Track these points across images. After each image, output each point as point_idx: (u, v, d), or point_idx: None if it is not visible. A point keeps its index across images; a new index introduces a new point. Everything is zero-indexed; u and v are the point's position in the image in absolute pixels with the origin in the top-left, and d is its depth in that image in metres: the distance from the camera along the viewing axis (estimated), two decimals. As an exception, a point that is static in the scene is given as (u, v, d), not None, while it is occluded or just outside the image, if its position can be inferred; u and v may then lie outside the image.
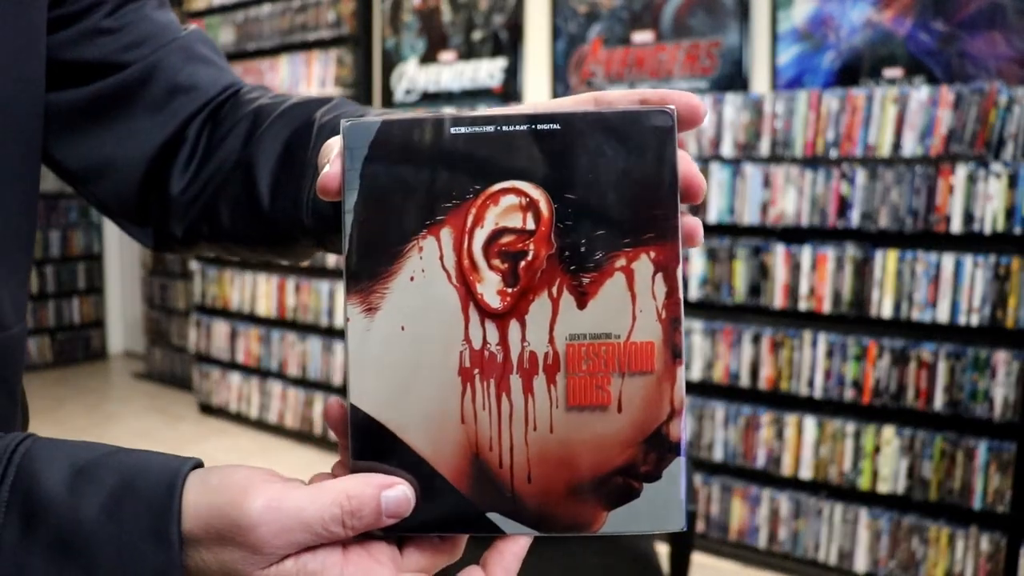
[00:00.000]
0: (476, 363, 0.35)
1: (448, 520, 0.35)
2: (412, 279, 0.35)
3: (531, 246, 0.34)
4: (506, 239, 0.34)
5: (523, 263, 0.34)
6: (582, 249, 0.34)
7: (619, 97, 0.37)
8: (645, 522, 0.35)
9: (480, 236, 0.35)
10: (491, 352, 0.35)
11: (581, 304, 0.34)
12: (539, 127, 0.34)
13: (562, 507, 0.35)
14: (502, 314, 0.35)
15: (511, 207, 0.34)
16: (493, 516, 0.35)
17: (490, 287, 0.35)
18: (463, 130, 0.35)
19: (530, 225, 0.34)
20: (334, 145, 0.37)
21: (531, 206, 0.34)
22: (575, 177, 0.34)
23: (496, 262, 0.35)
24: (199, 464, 0.35)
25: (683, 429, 0.34)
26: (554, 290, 0.34)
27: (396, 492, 0.34)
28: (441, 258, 0.35)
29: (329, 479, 0.35)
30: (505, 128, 0.35)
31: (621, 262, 0.34)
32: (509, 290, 0.34)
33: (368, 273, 0.35)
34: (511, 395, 0.35)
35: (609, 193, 0.34)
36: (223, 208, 0.55)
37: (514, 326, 0.35)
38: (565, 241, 0.34)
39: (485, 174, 0.34)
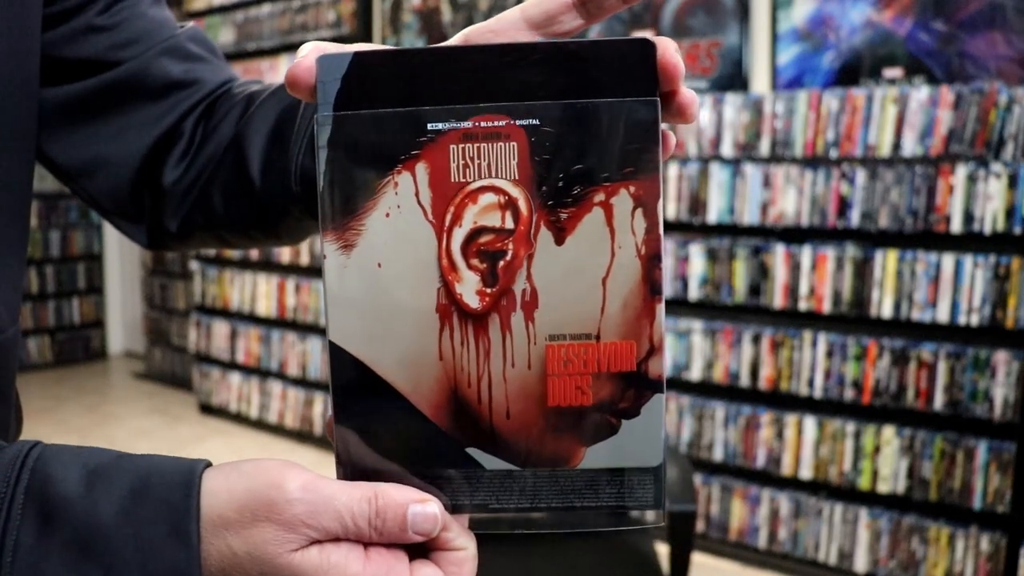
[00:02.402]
0: (454, 300, 0.34)
1: (429, 456, 0.35)
2: (388, 215, 0.34)
3: (510, 246, 0.34)
4: (485, 239, 0.34)
5: (502, 263, 0.34)
6: (560, 183, 0.34)
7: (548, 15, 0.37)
8: (623, 458, 0.35)
9: (459, 235, 0.34)
10: None
11: (559, 240, 0.34)
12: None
13: (541, 442, 0.35)
14: (480, 314, 0.34)
15: (490, 205, 0.34)
16: (473, 451, 0.35)
17: (469, 287, 0.34)
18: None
19: (509, 224, 0.34)
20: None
21: (510, 204, 0.34)
22: (552, 109, 0.34)
23: (475, 262, 0.34)
24: (209, 464, 0.35)
25: (663, 366, 0.34)
26: (531, 226, 0.34)
27: (426, 508, 0.34)
28: (417, 194, 0.34)
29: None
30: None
31: (600, 197, 0.33)
32: (488, 290, 0.34)
33: (343, 209, 0.34)
34: (489, 332, 0.34)
35: (587, 126, 0.33)
36: (216, 193, 0.54)
37: None
38: (543, 175, 0.34)
39: (461, 106, 0.34)
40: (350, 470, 0.36)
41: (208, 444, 3.73)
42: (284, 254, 3.73)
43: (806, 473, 2.39)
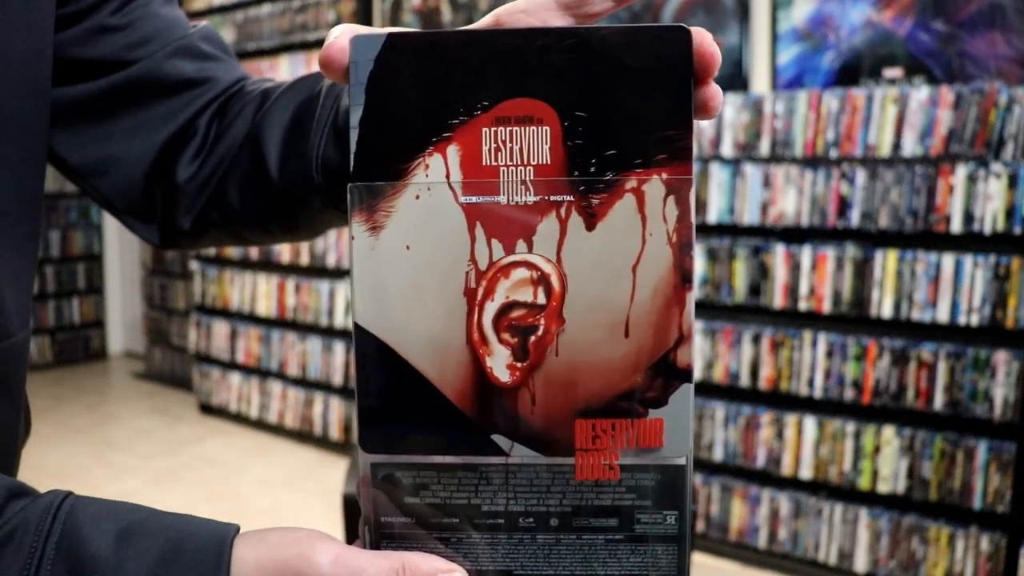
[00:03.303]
0: (482, 284, 0.34)
1: (452, 442, 0.35)
2: (418, 197, 0.34)
3: (541, 321, 0.34)
4: (516, 313, 0.34)
5: (533, 338, 0.34)
6: (592, 169, 0.33)
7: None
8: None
9: (490, 309, 0.34)
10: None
11: (590, 226, 0.33)
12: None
13: (566, 430, 0.34)
14: (511, 388, 0.34)
15: (522, 281, 0.34)
16: (497, 438, 0.35)
17: (500, 361, 0.34)
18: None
19: (541, 300, 0.34)
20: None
21: (542, 280, 0.34)
22: (587, 94, 0.33)
23: (506, 336, 0.34)
24: (239, 529, 0.35)
25: (691, 355, 0.34)
26: (562, 210, 0.34)
27: None
28: (447, 176, 0.34)
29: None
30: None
31: (632, 183, 0.33)
32: (519, 364, 0.34)
33: (372, 191, 0.34)
34: None
35: (621, 111, 0.33)
36: (232, 188, 0.54)
37: (521, 246, 0.34)
38: (575, 160, 0.33)
39: (494, 89, 0.34)
40: (374, 534, 0.35)
41: (208, 444, 3.73)
42: (284, 254, 3.73)
43: (806, 473, 2.39)
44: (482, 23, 0.38)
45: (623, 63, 0.33)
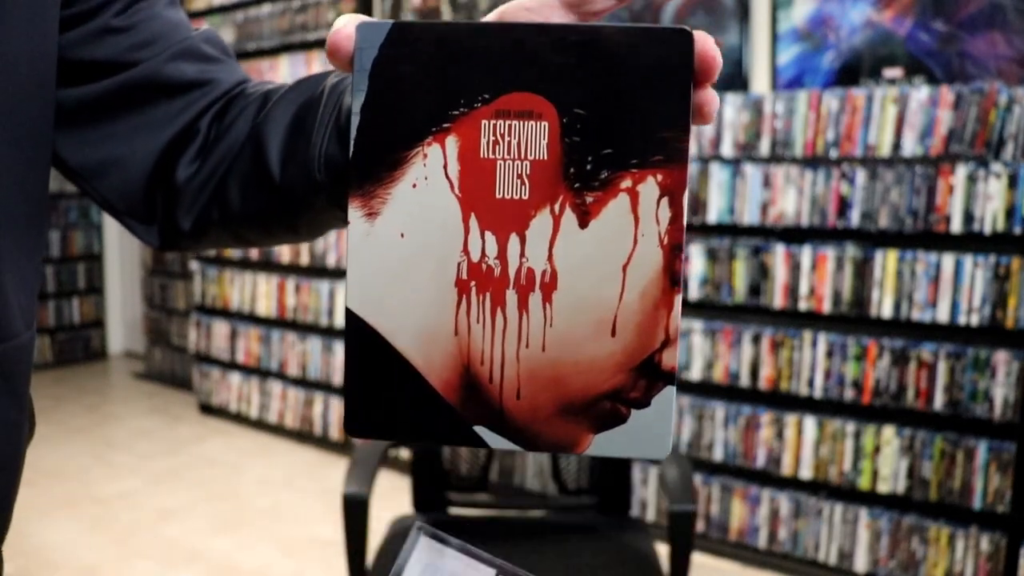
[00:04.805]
0: (473, 275, 0.34)
1: (436, 431, 0.35)
2: (414, 186, 0.34)
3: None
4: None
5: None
6: (588, 167, 0.34)
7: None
8: (630, 447, 0.35)
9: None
10: (489, 265, 0.34)
11: (583, 224, 0.34)
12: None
13: (549, 426, 0.35)
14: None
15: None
16: (480, 430, 0.35)
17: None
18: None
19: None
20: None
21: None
22: (587, 92, 0.34)
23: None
24: None
25: (676, 358, 0.34)
26: (556, 207, 0.34)
27: None
28: (445, 167, 0.34)
29: None
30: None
31: (627, 183, 0.33)
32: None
33: (371, 177, 0.35)
34: (506, 310, 0.34)
35: (619, 111, 0.33)
36: (233, 187, 0.54)
37: (514, 240, 0.34)
38: (572, 157, 0.34)
39: (495, 82, 0.34)
40: None
41: (208, 444, 3.73)
42: (284, 254, 3.73)
43: (806, 473, 2.39)
44: (486, 18, 0.39)
45: (625, 63, 0.34)
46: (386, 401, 0.35)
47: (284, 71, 3.72)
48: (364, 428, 0.35)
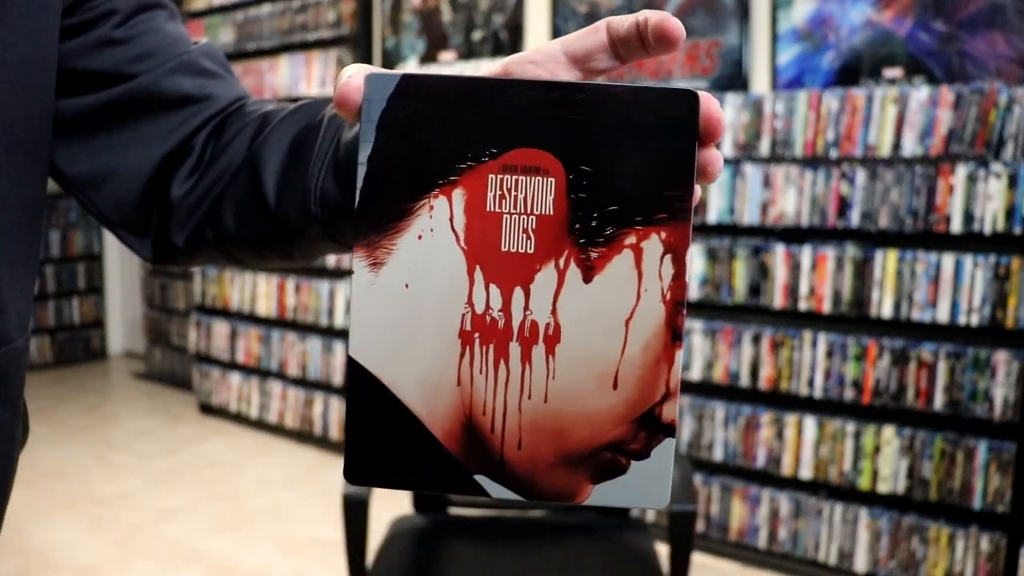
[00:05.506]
0: (477, 327, 0.35)
1: (436, 479, 0.36)
2: (420, 237, 0.35)
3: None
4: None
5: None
6: (593, 223, 0.34)
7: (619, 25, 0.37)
8: (629, 497, 0.35)
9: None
10: (493, 317, 0.35)
11: (587, 278, 0.34)
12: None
13: (549, 476, 0.35)
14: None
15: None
16: (481, 479, 0.35)
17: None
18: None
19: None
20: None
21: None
22: (593, 149, 0.34)
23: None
24: None
25: (676, 411, 0.35)
26: (561, 261, 0.34)
27: None
28: (451, 219, 0.35)
29: None
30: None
31: (631, 239, 0.34)
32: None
33: (376, 228, 0.35)
34: (509, 362, 0.35)
35: (625, 168, 0.34)
36: (228, 209, 0.54)
37: (518, 293, 0.35)
38: (577, 213, 0.34)
39: (503, 137, 0.34)
40: None
41: (208, 444, 3.73)
42: (284, 254, 3.73)
43: (806, 473, 2.39)
44: (492, 71, 0.39)
45: (631, 121, 0.34)
46: (387, 449, 0.36)
47: (284, 71, 3.72)
48: (365, 476, 0.36)
